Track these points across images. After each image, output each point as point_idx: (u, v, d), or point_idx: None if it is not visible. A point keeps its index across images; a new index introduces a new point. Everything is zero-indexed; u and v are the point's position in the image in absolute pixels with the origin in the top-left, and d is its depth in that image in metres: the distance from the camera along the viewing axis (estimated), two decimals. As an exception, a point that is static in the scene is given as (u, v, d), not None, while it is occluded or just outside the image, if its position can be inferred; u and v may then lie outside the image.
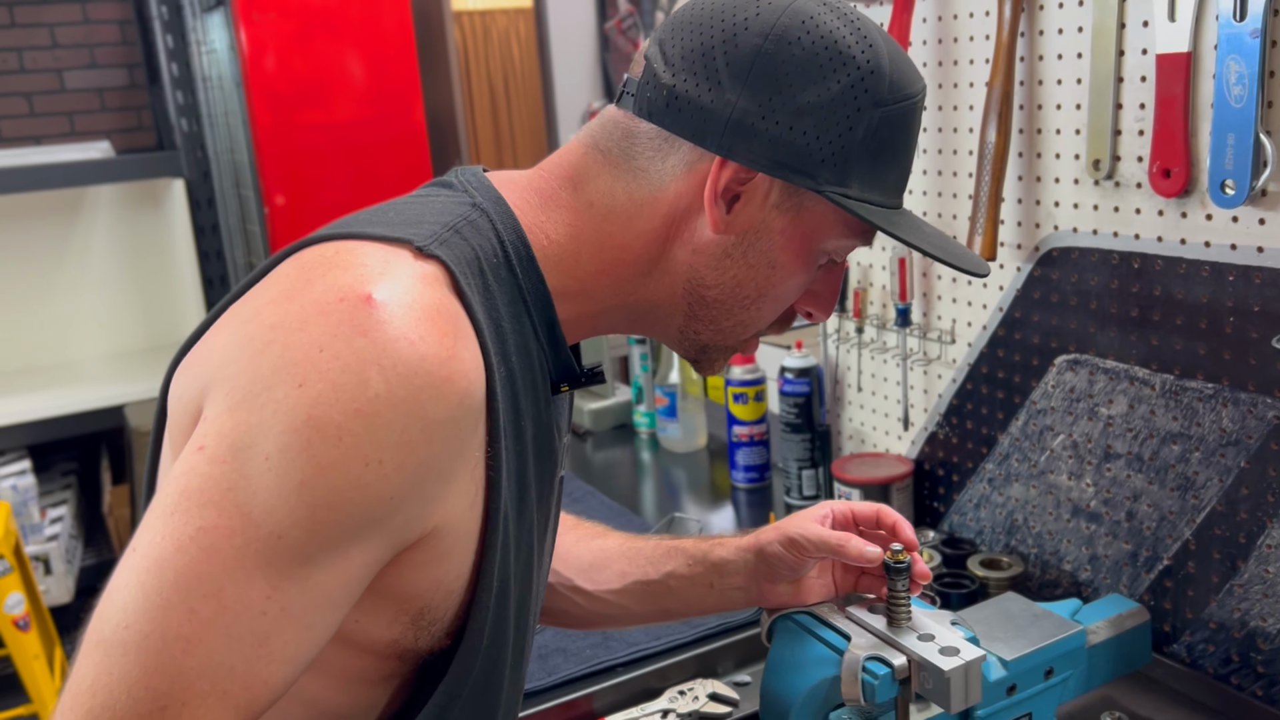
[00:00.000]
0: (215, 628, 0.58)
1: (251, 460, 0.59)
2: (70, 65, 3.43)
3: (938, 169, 1.33)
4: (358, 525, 0.61)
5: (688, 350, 0.82)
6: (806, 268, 0.77)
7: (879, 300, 1.47)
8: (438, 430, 0.62)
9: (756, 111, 0.71)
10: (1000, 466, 1.33)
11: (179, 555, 0.58)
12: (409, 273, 0.65)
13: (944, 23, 1.29)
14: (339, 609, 0.63)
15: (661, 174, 0.74)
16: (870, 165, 0.73)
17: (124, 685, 0.57)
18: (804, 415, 1.57)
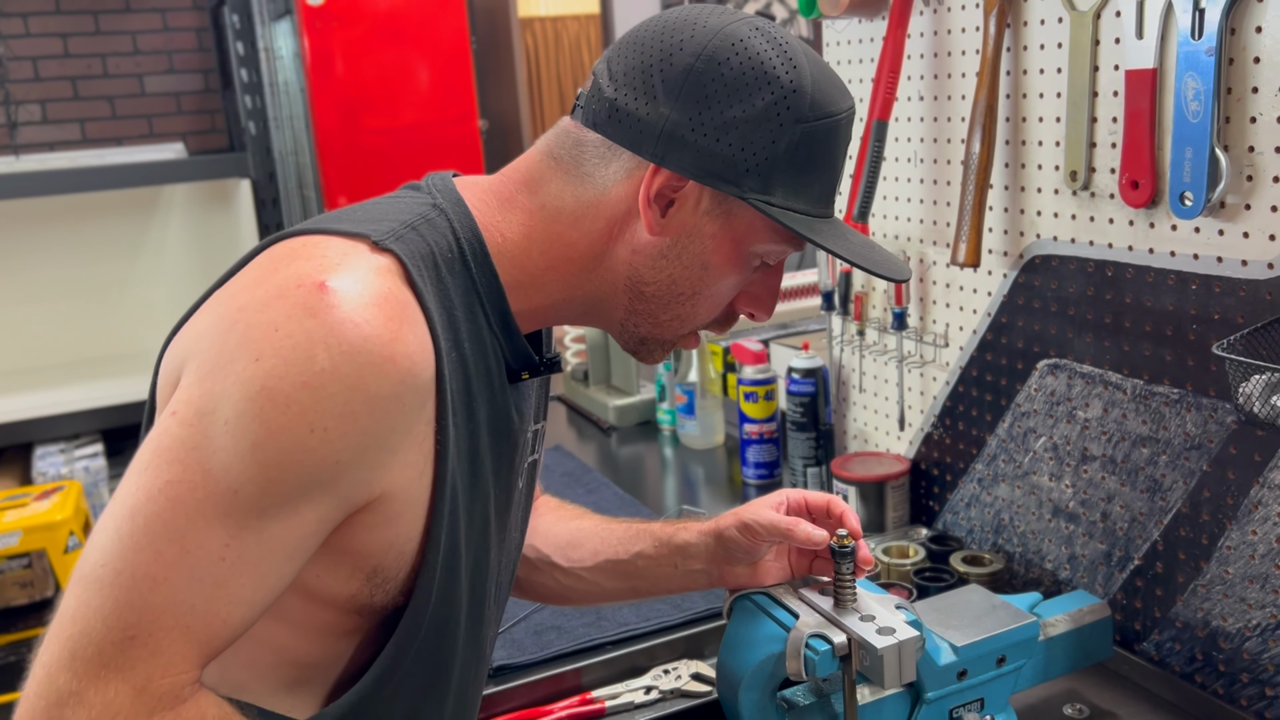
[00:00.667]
0: (178, 569, 0.67)
1: (213, 424, 0.68)
2: (150, 71, 3.62)
3: (933, 178, 1.38)
4: (305, 485, 0.69)
5: (628, 341, 0.89)
6: (738, 269, 0.84)
7: (880, 304, 1.52)
8: (379, 404, 0.70)
9: (687, 124, 0.77)
10: (988, 467, 1.37)
11: (149, 504, 0.67)
12: (363, 264, 0.73)
13: (938, 38, 1.33)
14: (292, 560, 0.72)
15: (605, 179, 0.81)
16: (794, 176, 0.80)
17: (99, 615, 0.67)
18: (809, 414, 1.62)
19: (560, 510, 1.13)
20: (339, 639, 0.81)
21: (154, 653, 0.68)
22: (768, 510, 0.98)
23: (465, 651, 0.87)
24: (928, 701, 1.00)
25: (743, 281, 0.86)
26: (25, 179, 3.06)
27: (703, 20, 0.79)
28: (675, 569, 1.03)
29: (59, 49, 3.47)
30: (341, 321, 0.69)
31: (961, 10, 1.29)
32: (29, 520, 2.66)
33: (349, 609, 0.79)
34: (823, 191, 0.83)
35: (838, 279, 1.55)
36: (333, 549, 0.75)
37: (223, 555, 0.68)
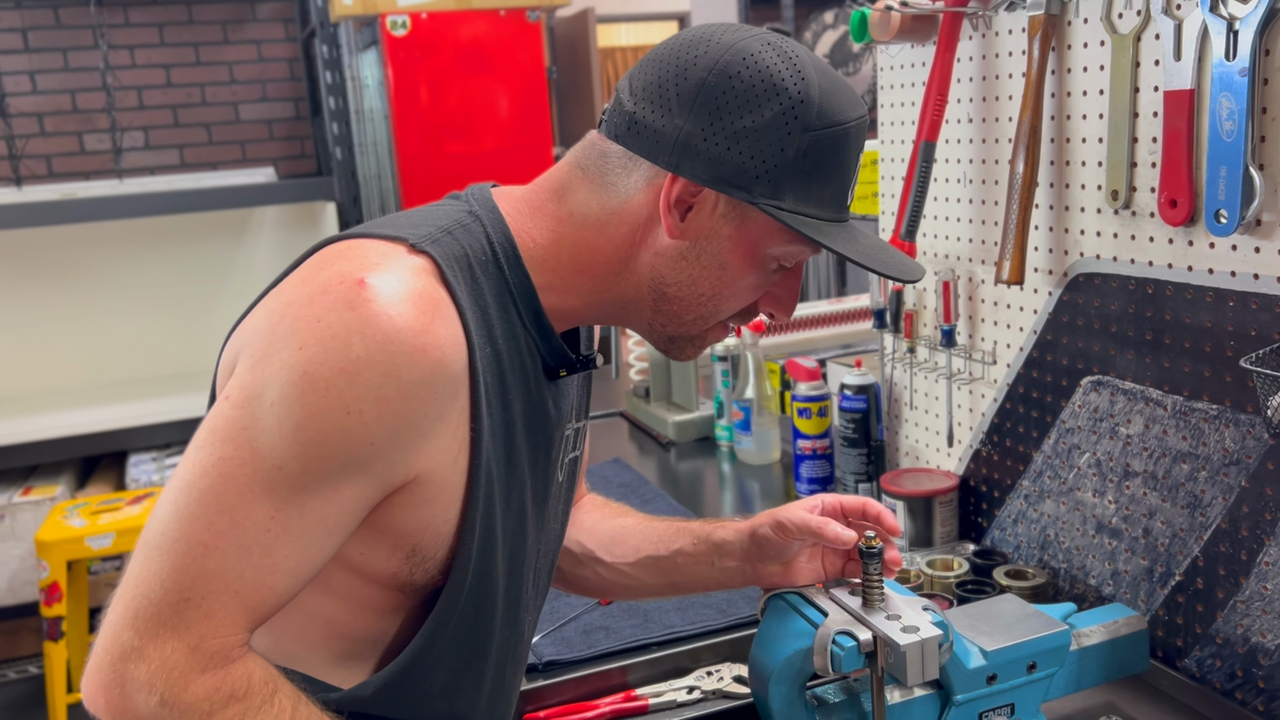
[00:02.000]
0: (229, 538, 0.75)
1: (261, 406, 0.75)
2: (245, 99, 3.80)
3: (980, 198, 1.41)
4: (343, 464, 0.76)
5: (658, 340, 0.94)
6: (755, 270, 0.89)
7: (930, 322, 1.54)
8: (412, 390, 0.76)
9: (700, 134, 0.83)
10: (1035, 483, 1.38)
11: (203, 479, 0.75)
12: (400, 264, 0.80)
13: (986, 61, 1.37)
14: (333, 535, 0.79)
15: (627, 188, 0.87)
16: (804, 182, 0.84)
17: (158, 579, 0.75)
18: (861, 430, 1.65)
19: (605, 508, 1.18)
20: (384, 615, 0.87)
21: (206, 615, 0.75)
22: (801, 511, 1.02)
23: (503, 632, 0.93)
24: (957, 704, 1.02)
25: (762, 283, 0.90)
26: (128, 201, 3.24)
27: (716, 37, 0.84)
28: (712, 566, 1.07)
29: (162, 79, 3.67)
30: (377, 314, 0.75)
31: (1008, 35, 1.33)
32: (122, 524, 2.80)
33: (392, 586, 0.86)
34: (834, 196, 0.87)
35: (889, 297, 1.58)
36: (373, 528, 0.82)
37: (268, 527, 0.75)
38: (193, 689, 0.76)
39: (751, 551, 1.05)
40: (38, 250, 3.42)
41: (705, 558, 1.08)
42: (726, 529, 1.08)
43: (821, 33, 5.89)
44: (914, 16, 1.40)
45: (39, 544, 2.78)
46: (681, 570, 1.09)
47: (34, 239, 3.37)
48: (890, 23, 1.39)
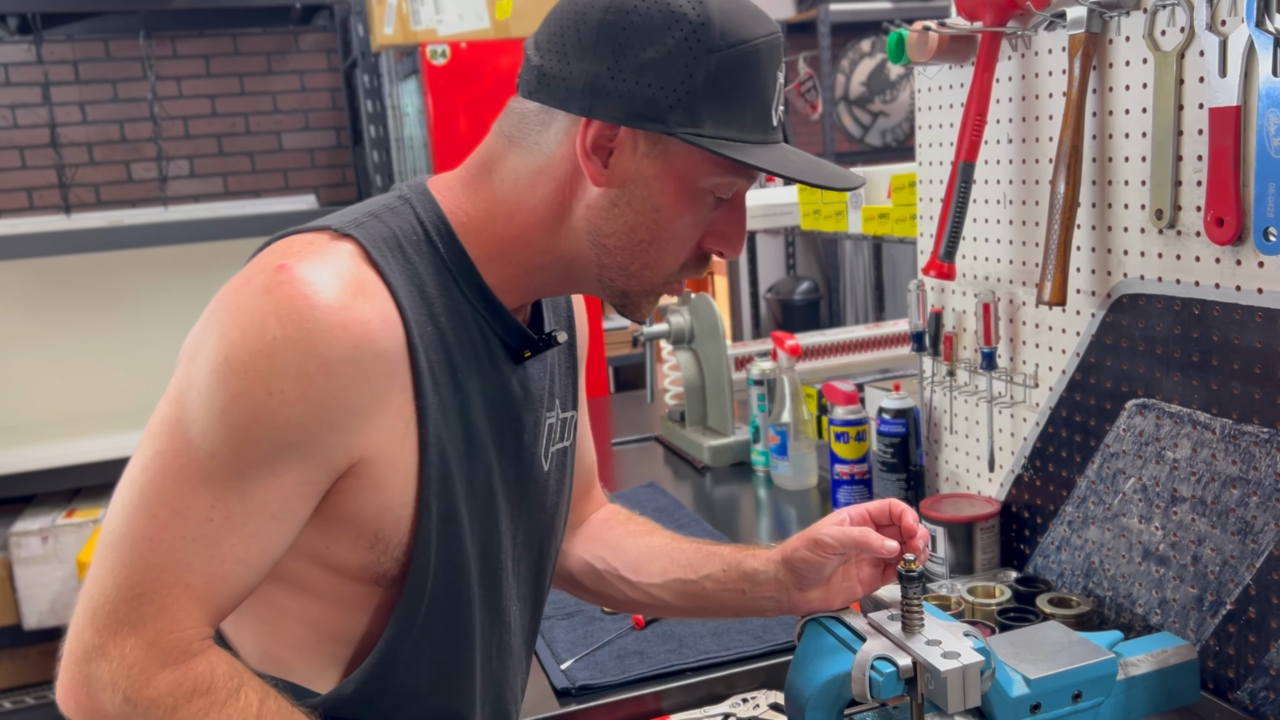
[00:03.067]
0: (172, 529, 0.76)
1: (190, 397, 0.77)
2: (288, 128, 3.86)
3: (1020, 219, 1.39)
4: (276, 446, 0.77)
5: (612, 298, 0.92)
6: (689, 207, 0.87)
7: (970, 345, 1.52)
8: (335, 366, 0.77)
9: (606, 74, 0.82)
10: (1078, 509, 1.35)
11: (144, 474, 0.77)
12: (321, 249, 0.81)
13: (1026, 81, 1.35)
14: (279, 521, 0.79)
15: (548, 144, 0.87)
16: (721, 105, 0.83)
17: (111, 577, 0.77)
18: (899, 455, 1.63)
19: (630, 523, 1.18)
20: (369, 613, 0.88)
21: (160, 609, 0.77)
22: (835, 526, 1.00)
23: (486, 621, 0.93)
24: (1000, 733, 0.99)
25: (701, 220, 0.88)
26: (173, 228, 3.30)
27: None
28: (743, 595, 1.06)
29: (207, 109, 3.74)
30: (293, 295, 0.77)
31: (1048, 54, 1.31)
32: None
33: (368, 579, 0.86)
34: (756, 117, 0.85)
35: (928, 320, 1.57)
36: (331, 518, 0.83)
37: (210, 516, 0.77)
38: (154, 685, 0.77)
39: (786, 580, 1.03)
40: (86, 276, 3.48)
41: (735, 586, 1.06)
42: (758, 558, 1.06)
43: (859, 60, 5.90)
44: (952, 37, 1.39)
45: (80, 566, 2.81)
46: (710, 596, 1.08)
47: (82, 265, 3.44)
48: (928, 44, 1.38)
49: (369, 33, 3.33)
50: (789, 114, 5.87)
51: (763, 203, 2.33)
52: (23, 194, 3.58)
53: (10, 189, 3.57)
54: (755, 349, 2.33)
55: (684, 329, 2.15)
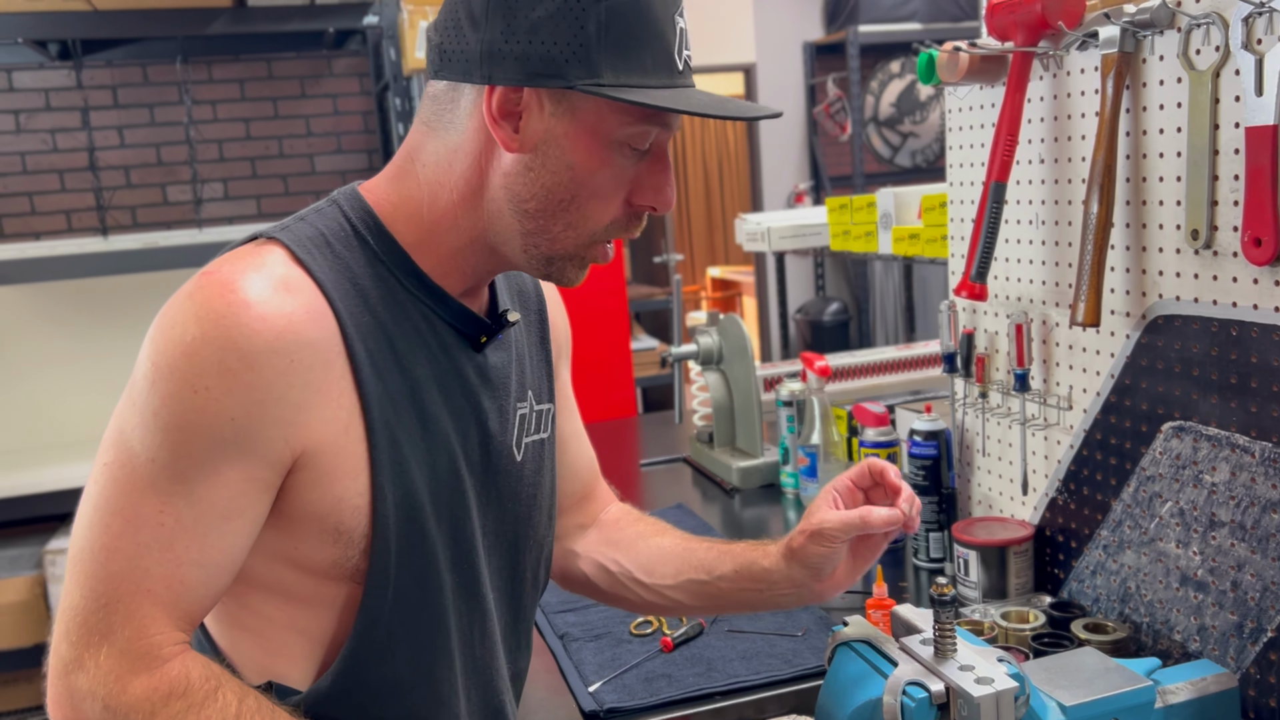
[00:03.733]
0: (125, 538, 0.78)
1: (129, 407, 0.80)
2: (320, 151, 3.90)
3: (1054, 239, 1.38)
4: (212, 444, 0.79)
5: (538, 266, 0.92)
6: (605, 161, 0.87)
7: (1003, 366, 1.51)
8: (258, 359, 0.79)
9: (500, 38, 0.83)
10: (1114, 533, 1.33)
11: (95, 487, 0.80)
12: (245, 254, 0.84)
13: (1058, 101, 1.35)
14: (230, 520, 0.81)
15: (459, 120, 0.88)
16: (618, 54, 0.83)
17: (78, 590, 0.79)
18: (931, 478, 1.61)
19: (641, 524, 1.18)
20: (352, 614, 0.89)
21: (127, 617, 0.78)
22: (830, 512, 1.01)
23: (462, 606, 0.94)
24: (1034, 762, 0.97)
25: (621, 174, 0.88)
26: (207, 249, 3.34)
27: None
28: (760, 594, 1.07)
29: (242, 133, 3.79)
30: (210, 297, 0.79)
31: (1080, 74, 1.30)
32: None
33: (343, 576, 0.87)
34: (656, 61, 0.84)
35: (959, 341, 1.55)
36: (290, 516, 0.84)
37: (160, 521, 0.79)
38: (131, 691, 0.79)
39: (800, 575, 1.04)
40: (122, 297, 3.53)
41: (750, 585, 1.07)
42: (769, 556, 1.06)
43: (888, 81, 5.89)
44: (983, 58, 1.39)
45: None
46: (726, 595, 1.09)
47: (119, 286, 3.48)
48: (959, 64, 1.38)
49: (401, 56, 3.36)
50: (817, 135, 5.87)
51: (791, 223, 2.33)
52: (61, 216, 3.64)
53: (50, 211, 3.63)
54: (784, 370, 2.32)
55: (712, 350, 2.15)
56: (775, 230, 2.29)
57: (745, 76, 5.98)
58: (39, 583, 3.09)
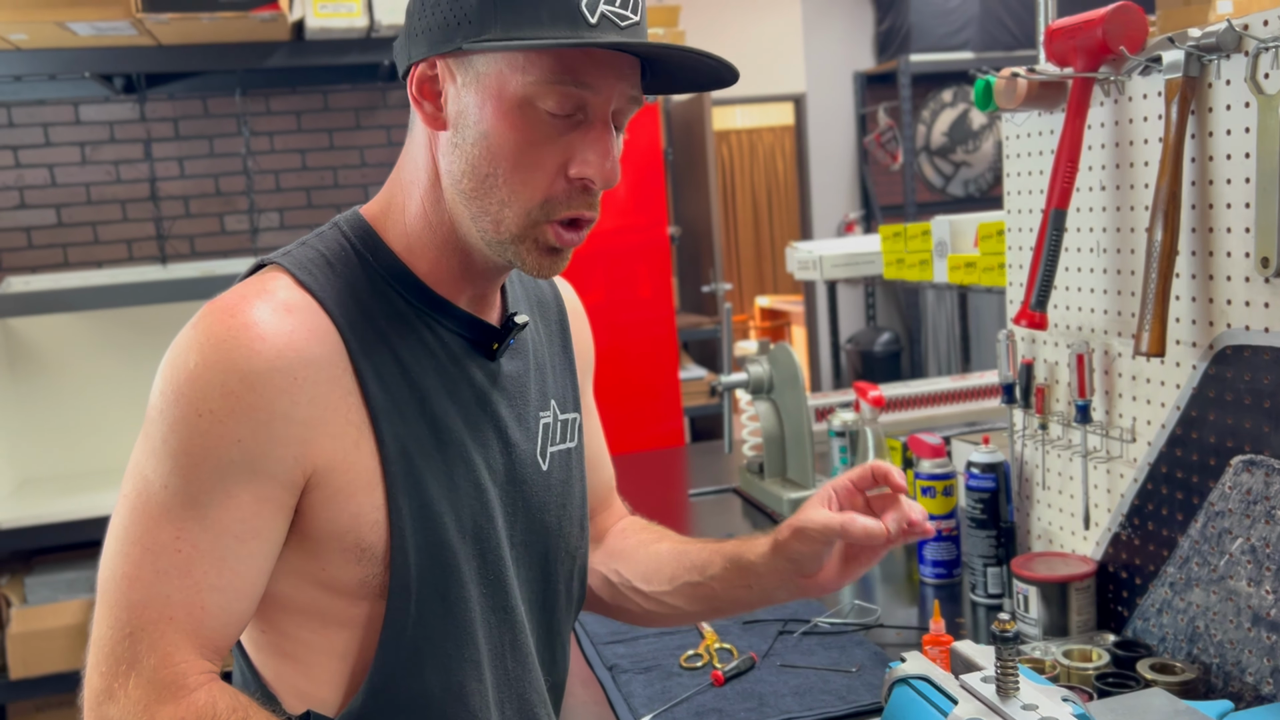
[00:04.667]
0: (145, 566, 0.79)
1: (143, 439, 0.81)
2: (374, 181, 3.96)
3: (1115, 268, 1.35)
4: (220, 466, 0.79)
5: (500, 253, 0.89)
6: (518, 126, 0.84)
7: (1063, 398, 1.47)
8: (258, 379, 0.79)
9: (415, 17, 0.86)
10: (1180, 570, 1.29)
11: (116, 518, 0.81)
12: (249, 283, 0.85)
13: (1120, 127, 1.32)
14: (247, 542, 0.81)
15: (413, 117, 0.90)
16: (508, 9, 0.81)
17: (105, 621, 0.80)
18: (989, 511, 1.58)
19: (643, 533, 1.18)
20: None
21: (151, 646, 0.79)
22: (819, 511, 0.98)
23: (491, 618, 0.93)
24: (1102, 808, 0.94)
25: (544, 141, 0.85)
26: (262, 278, 3.39)
27: None
28: (749, 589, 1.05)
29: (298, 163, 3.86)
30: (213, 324, 0.81)
31: (1143, 99, 1.28)
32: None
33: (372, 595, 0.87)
34: (555, 13, 0.81)
35: (1018, 371, 1.52)
36: (311, 537, 0.85)
37: (177, 547, 0.79)
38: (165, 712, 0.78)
39: (784, 568, 1.01)
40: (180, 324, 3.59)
41: (740, 581, 1.06)
42: (754, 550, 1.04)
43: (940, 111, 5.86)
44: (1041, 84, 1.37)
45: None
46: (720, 596, 1.07)
47: (177, 313, 3.55)
48: (1017, 90, 1.36)
49: (454, 88, 3.40)
50: (868, 164, 5.85)
51: (844, 252, 2.31)
52: (123, 245, 3.72)
53: (112, 241, 3.71)
54: (836, 400, 2.29)
55: (762, 379, 2.13)
56: (828, 259, 2.28)
57: (795, 106, 5.98)
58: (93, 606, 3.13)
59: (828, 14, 5.83)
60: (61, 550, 3.34)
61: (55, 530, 3.05)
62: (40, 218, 3.63)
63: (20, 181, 3.60)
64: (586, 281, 3.56)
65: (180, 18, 2.72)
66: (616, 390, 3.60)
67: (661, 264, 3.64)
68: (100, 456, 3.54)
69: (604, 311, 3.58)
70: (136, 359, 3.53)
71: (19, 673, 3.07)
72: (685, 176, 4.95)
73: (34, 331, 3.46)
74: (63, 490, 3.31)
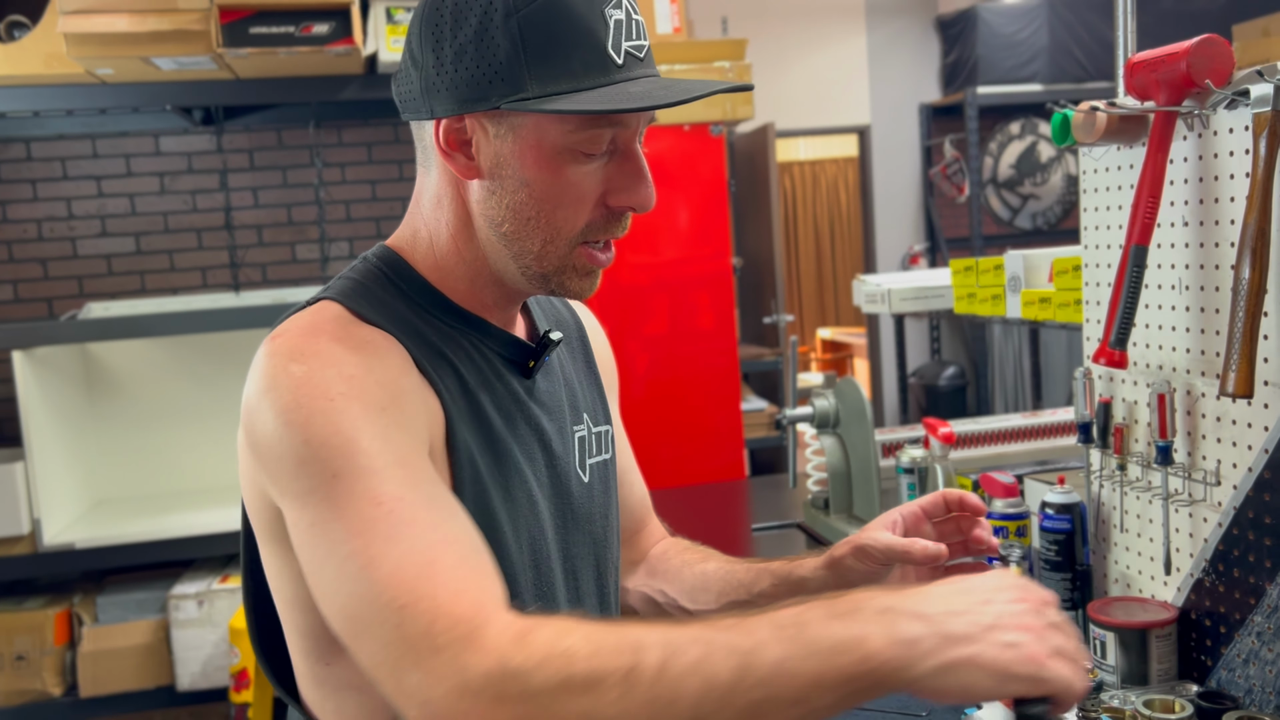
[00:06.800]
0: (373, 546, 0.74)
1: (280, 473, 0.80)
2: (441, 212, 4.02)
3: (1199, 305, 1.31)
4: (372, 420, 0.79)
5: (537, 284, 0.93)
6: (558, 171, 0.86)
7: (1143, 438, 1.43)
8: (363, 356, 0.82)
9: (433, 71, 0.85)
10: (1269, 620, 1.24)
11: (316, 549, 0.77)
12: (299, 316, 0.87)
13: (1204, 162, 1.29)
14: (435, 484, 0.81)
15: (431, 157, 0.91)
16: (540, 64, 0.82)
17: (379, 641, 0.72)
18: (1065, 553, 1.54)
19: (689, 553, 1.18)
20: None
21: (433, 599, 0.71)
22: (883, 532, 0.98)
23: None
24: None
25: (583, 180, 0.87)
26: (331, 306, 3.44)
27: None
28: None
29: (368, 194, 3.93)
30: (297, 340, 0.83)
31: (1229, 134, 1.25)
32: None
33: None
34: (585, 62, 0.83)
35: (1096, 410, 1.48)
36: None
37: (385, 510, 0.75)
38: (481, 657, 0.68)
39: (834, 584, 1.01)
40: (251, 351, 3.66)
41: (788, 597, 1.04)
42: (805, 566, 1.05)
43: (1007, 143, 5.79)
44: (1122, 118, 1.34)
45: (232, 630, 2.89)
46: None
47: (248, 340, 3.62)
48: (1096, 124, 1.34)
49: (522, 120, 3.44)
50: (933, 196, 5.79)
51: (912, 285, 2.28)
52: (198, 273, 3.81)
53: (188, 268, 3.80)
54: (905, 435, 2.26)
55: (828, 413, 2.11)
56: (896, 292, 2.25)
57: (859, 138, 5.96)
58: (162, 627, 3.18)
59: (894, 46, 5.81)
60: (133, 570, 3.41)
61: (127, 551, 3.11)
62: (120, 245, 3.74)
63: (102, 210, 3.72)
64: (649, 312, 3.56)
65: (259, 53, 2.79)
66: (678, 421, 3.59)
67: (724, 295, 3.64)
68: (172, 479, 3.61)
69: (666, 342, 3.58)
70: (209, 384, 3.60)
71: (89, 691, 3.13)
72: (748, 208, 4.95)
73: (112, 356, 3.55)
74: (135, 511, 3.39)
